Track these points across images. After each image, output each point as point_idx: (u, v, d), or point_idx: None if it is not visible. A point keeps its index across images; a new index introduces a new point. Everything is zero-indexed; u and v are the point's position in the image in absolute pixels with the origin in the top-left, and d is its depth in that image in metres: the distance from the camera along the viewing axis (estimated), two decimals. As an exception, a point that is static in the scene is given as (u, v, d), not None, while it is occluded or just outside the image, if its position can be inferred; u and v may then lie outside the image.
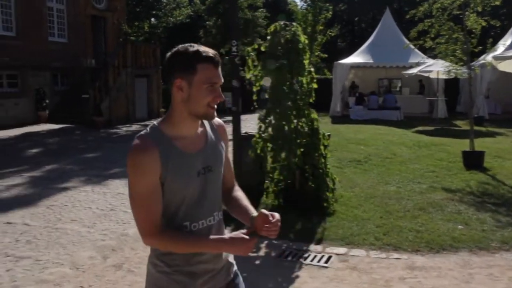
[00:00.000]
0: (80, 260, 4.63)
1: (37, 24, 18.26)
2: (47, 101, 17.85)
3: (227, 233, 1.90)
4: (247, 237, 1.81)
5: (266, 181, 6.34)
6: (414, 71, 19.40)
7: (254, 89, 6.44)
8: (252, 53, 6.17)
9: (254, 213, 1.95)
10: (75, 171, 9.26)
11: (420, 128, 17.19)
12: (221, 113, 17.95)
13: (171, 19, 34.83)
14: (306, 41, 6.11)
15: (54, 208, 6.44)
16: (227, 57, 29.38)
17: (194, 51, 1.75)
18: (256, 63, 6.27)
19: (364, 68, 23.62)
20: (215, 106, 1.82)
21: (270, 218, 1.86)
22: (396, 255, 4.69)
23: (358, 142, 13.07)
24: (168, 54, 1.80)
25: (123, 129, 17.37)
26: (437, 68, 18.00)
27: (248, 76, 6.33)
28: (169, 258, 1.83)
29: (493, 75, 19.50)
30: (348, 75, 23.52)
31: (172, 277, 1.84)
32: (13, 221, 5.85)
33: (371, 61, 22.76)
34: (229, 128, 2.89)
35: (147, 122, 20.24)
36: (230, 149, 4.18)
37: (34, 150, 12.09)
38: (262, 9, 28.37)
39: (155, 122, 1.83)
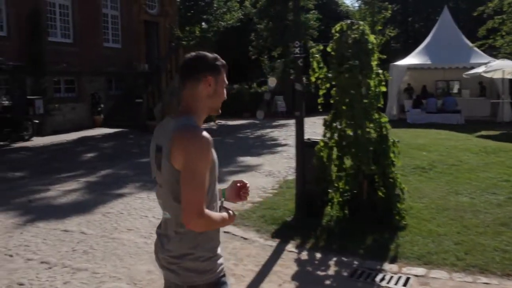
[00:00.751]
0: (138, 274, 4.38)
1: (93, 30, 18.61)
2: (102, 106, 18.14)
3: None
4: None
5: (331, 191, 5.93)
6: (477, 71, 18.36)
7: (320, 93, 6.03)
8: (316, 55, 5.77)
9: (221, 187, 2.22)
10: (130, 176, 9.16)
11: (483, 132, 16.19)
12: (273, 116, 17.65)
13: (222, 23, 34.95)
14: (375, 41, 5.66)
15: (110, 216, 6.28)
16: (279, 60, 29.22)
17: (216, 56, 2.10)
18: (321, 65, 5.86)
19: (420, 69, 22.64)
20: None
21: (239, 184, 2.34)
22: (484, 279, 4.16)
23: (419, 147, 12.38)
24: (191, 56, 2.06)
25: (176, 133, 17.35)
26: (506, 68, 16.98)
27: (313, 79, 5.92)
28: (211, 244, 2.01)
29: None
30: (404, 77, 22.63)
31: (216, 260, 2.03)
32: (70, 229, 5.71)
33: (428, 62, 21.80)
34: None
35: (198, 126, 20.19)
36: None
37: (90, 155, 12.17)
38: (313, 11, 27.88)
39: (184, 118, 1.98)
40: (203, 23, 34.56)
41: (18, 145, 13.75)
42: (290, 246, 4.95)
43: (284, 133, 16.90)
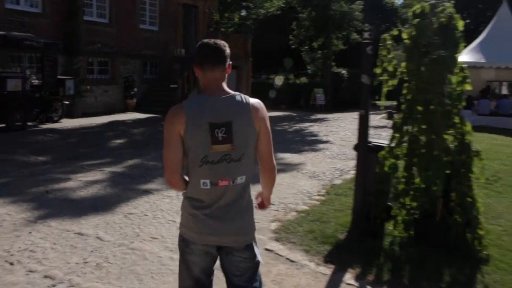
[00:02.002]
0: (159, 303, 3.51)
1: (129, 11, 17.90)
2: (135, 89, 17.47)
3: None
4: None
5: (395, 207, 4.92)
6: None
7: (384, 89, 5.01)
8: (389, 41, 4.73)
9: None
10: (159, 169, 8.32)
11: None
12: (311, 110, 16.58)
13: (262, 11, 33.90)
14: (462, 28, 4.59)
15: (132, 217, 5.43)
16: (320, 51, 27.98)
17: None
18: (391, 55, 4.83)
19: (470, 68, 20.98)
20: None
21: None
22: None
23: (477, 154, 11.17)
24: (223, 45, 2.41)
25: (209, 123, 16.53)
26: None
27: (379, 71, 4.90)
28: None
29: None
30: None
31: None
32: (85, 232, 4.89)
33: (482, 60, 20.21)
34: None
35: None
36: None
37: (119, 141, 11.44)
38: (359, 1, 26.50)
39: (238, 94, 2.33)
40: (242, 10, 33.66)
41: (46, 126, 13.16)
42: (349, 277, 3.98)
43: (325, 129, 15.86)
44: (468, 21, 42.07)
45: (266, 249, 4.53)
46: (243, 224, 2.31)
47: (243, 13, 33.50)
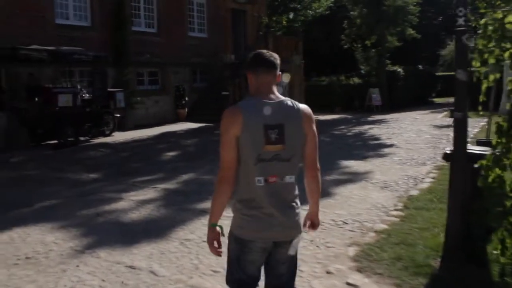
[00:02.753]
0: None
1: (178, 19, 17.62)
2: (186, 99, 17.12)
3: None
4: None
5: (501, 229, 4.05)
6: None
7: (483, 86, 4.15)
8: (491, 26, 3.88)
9: None
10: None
11: None
12: (367, 112, 15.62)
13: (310, 12, 33.08)
14: None
15: (189, 245, 4.82)
16: (373, 50, 26.84)
17: None
18: (491, 46, 3.97)
19: None
20: None
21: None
22: None
23: None
24: (273, 54, 2.56)
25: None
26: None
27: (476, 64, 4.05)
28: None
29: None
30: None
31: None
32: (137, 265, 4.32)
33: None
34: None
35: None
36: None
37: (171, 153, 10.99)
38: (414, -6, 25.22)
39: (289, 99, 2.47)
40: (290, 13, 32.99)
41: (98, 140, 12.93)
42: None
43: (385, 131, 14.86)
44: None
45: (349, 284, 3.78)
46: (295, 218, 2.47)
47: (291, 15, 32.82)
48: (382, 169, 8.60)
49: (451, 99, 37.25)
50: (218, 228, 2.43)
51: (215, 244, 2.44)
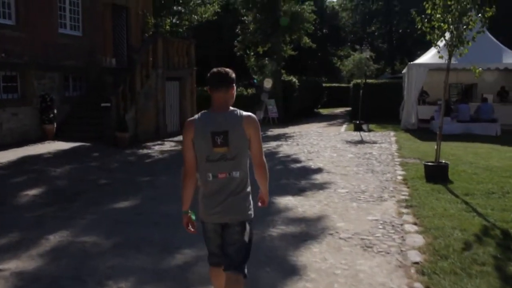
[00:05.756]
0: None
1: (44, 11, 13.99)
2: (55, 111, 13.53)
3: None
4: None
5: None
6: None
7: None
8: None
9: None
10: (106, 253, 4.88)
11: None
12: (263, 125, 13.23)
13: (196, 16, 30.66)
14: None
15: None
16: (267, 58, 25.12)
17: None
18: None
19: (432, 71, 18.88)
20: None
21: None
22: None
23: (504, 173, 8.79)
24: (230, 71, 3.09)
25: (155, 149, 13.02)
26: None
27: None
28: None
29: None
30: (424, 79, 18.91)
31: None
32: None
33: (454, 61, 18.00)
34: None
35: (180, 138, 15.85)
36: None
37: (33, 192, 7.67)
38: (309, 2, 23.97)
39: (236, 110, 3.06)
40: (175, 16, 30.25)
41: None
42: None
43: (298, 149, 12.88)
44: (400, 30, 41.02)
45: None
46: (238, 206, 3.06)
47: (174, 19, 30.07)
48: (338, 212, 6.35)
49: (336, 110, 37.74)
50: (189, 214, 3.17)
51: (190, 226, 3.19)
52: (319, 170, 9.64)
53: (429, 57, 19.28)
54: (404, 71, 22.16)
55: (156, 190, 7.90)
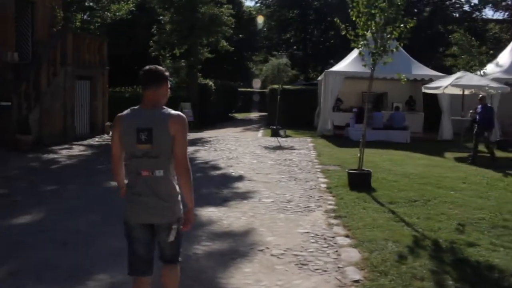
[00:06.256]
0: None
1: None
2: None
3: None
4: None
5: None
6: (440, 84, 15.59)
7: None
8: None
9: None
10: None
11: (452, 154, 13.38)
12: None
13: (108, 14, 29.27)
14: None
15: None
16: (183, 60, 24.41)
17: None
18: None
19: (346, 79, 19.36)
20: None
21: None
22: None
23: (426, 181, 9.04)
24: (159, 67, 3.06)
25: (63, 153, 11.95)
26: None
27: None
28: None
29: None
30: (341, 86, 19.29)
31: None
32: None
33: (369, 70, 18.50)
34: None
35: (90, 142, 14.78)
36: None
37: None
38: (227, 5, 23.60)
39: (164, 108, 3.02)
40: (86, 12, 28.67)
41: None
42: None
43: (216, 154, 12.47)
44: (315, 34, 42.08)
45: None
46: (166, 209, 2.97)
47: (86, 16, 28.46)
48: (266, 225, 5.98)
49: (251, 115, 37.83)
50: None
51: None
52: (240, 178, 9.26)
53: (344, 65, 19.74)
54: (319, 78, 22.53)
55: (63, 201, 7.04)
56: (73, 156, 11.63)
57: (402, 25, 8.43)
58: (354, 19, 8.57)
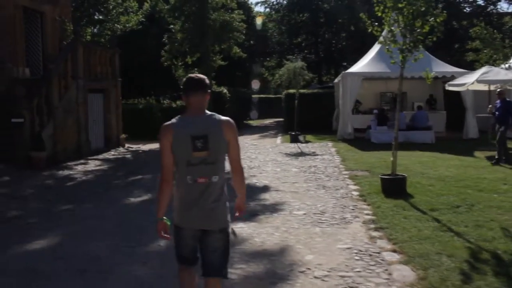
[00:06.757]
0: None
1: None
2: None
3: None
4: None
5: None
6: (464, 82, 14.93)
7: None
8: None
9: None
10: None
11: (482, 153, 12.70)
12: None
13: (118, 26, 29.00)
14: None
15: None
16: (196, 69, 23.96)
17: None
18: None
19: (363, 80, 18.73)
20: None
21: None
22: None
23: (466, 185, 8.41)
24: (204, 76, 3.13)
25: (78, 169, 11.52)
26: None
27: None
28: None
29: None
30: (359, 88, 18.70)
31: None
32: None
33: (387, 70, 17.87)
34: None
35: (106, 156, 14.34)
36: None
37: None
38: (238, 11, 23.14)
39: (213, 113, 3.03)
40: (96, 26, 28.43)
41: None
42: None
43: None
44: (326, 35, 41.49)
45: None
46: (219, 213, 2.99)
47: (96, 29, 28.24)
48: (302, 241, 5.41)
49: (266, 121, 37.27)
50: (165, 220, 3.03)
51: (163, 233, 3.04)
52: (266, 188, 8.74)
53: (361, 66, 19.16)
54: (336, 80, 21.96)
55: (81, 222, 6.56)
56: (89, 172, 11.20)
57: (432, 18, 7.88)
58: (380, 14, 8.04)
